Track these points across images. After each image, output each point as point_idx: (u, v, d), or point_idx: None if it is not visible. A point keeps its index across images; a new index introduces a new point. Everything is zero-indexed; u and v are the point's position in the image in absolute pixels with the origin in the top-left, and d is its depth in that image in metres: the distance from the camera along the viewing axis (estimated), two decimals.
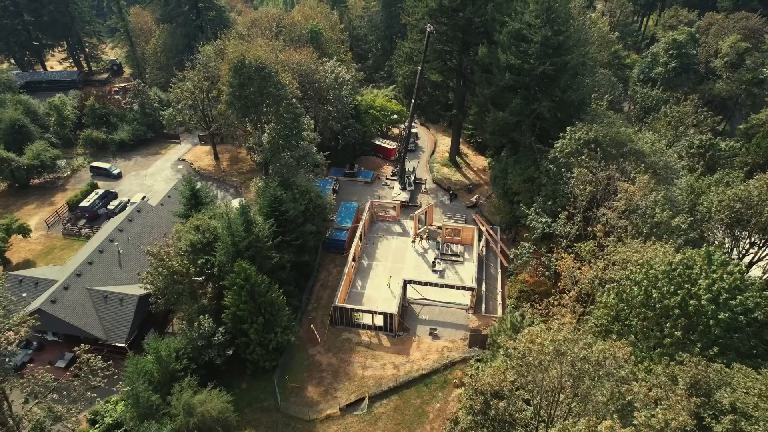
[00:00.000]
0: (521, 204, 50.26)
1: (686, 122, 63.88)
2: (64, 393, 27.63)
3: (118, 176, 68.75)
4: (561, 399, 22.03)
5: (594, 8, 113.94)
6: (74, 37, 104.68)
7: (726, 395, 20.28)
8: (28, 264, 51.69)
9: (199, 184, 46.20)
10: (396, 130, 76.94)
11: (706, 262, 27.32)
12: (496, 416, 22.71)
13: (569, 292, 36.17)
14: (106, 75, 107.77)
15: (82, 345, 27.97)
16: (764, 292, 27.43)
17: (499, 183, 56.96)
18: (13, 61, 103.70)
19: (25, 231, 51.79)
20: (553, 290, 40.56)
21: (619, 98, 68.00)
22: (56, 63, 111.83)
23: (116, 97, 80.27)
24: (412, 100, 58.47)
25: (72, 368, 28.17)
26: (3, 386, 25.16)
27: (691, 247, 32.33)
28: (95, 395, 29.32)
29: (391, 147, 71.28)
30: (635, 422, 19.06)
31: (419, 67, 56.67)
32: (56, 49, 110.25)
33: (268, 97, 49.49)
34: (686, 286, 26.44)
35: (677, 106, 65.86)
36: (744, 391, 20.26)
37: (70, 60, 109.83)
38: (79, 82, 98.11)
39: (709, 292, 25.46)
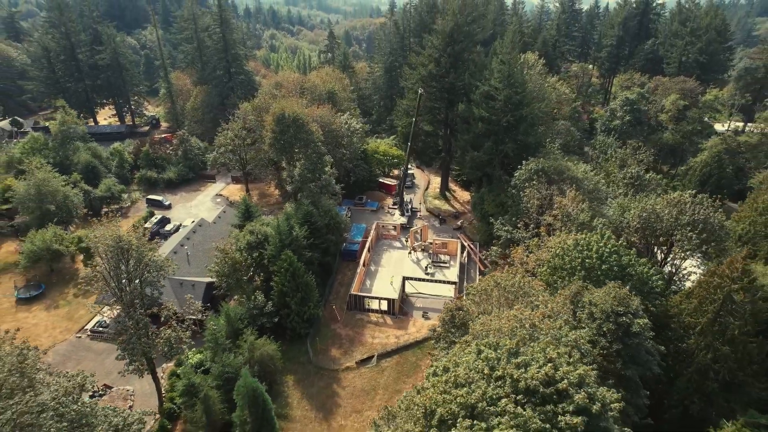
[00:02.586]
0: (494, 224, 65.08)
1: (628, 162, 79.91)
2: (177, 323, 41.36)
3: (169, 206, 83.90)
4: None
5: (567, 70, 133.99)
6: (123, 97, 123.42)
7: (587, 297, 34.24)
8: None
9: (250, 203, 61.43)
10: (396, 171, 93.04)
11: (599, 237, 41.89)
12: (458, 322, 36.33)
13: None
14: (147, 128, 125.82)
15: (188, 295, 41.87)
16: (639, 259, 42.00)
17: (478, 208, 72.18)
18: None
19: None
20: None
21: (571, 143, 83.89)
22: (102, 119, 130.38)
23: (166, 144, 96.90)
24: (409, 143, 74.83)
25: (183, 308, 41.86)
26: (150, 311, 38.86)
27: None
28: (196, 327, 42.87)
29: (392, 184, 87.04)
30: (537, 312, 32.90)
31: (414, 120, 73.39)
32: (106, 107, 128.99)
33: (300, 141, 65.50)
34: (585, 252, 40.89)
35: (621, 150, 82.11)
36: (598, 295, 34.14)
37: (116, 115, 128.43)
38: (125, 133, 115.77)
39: (597, 253, 39.93)
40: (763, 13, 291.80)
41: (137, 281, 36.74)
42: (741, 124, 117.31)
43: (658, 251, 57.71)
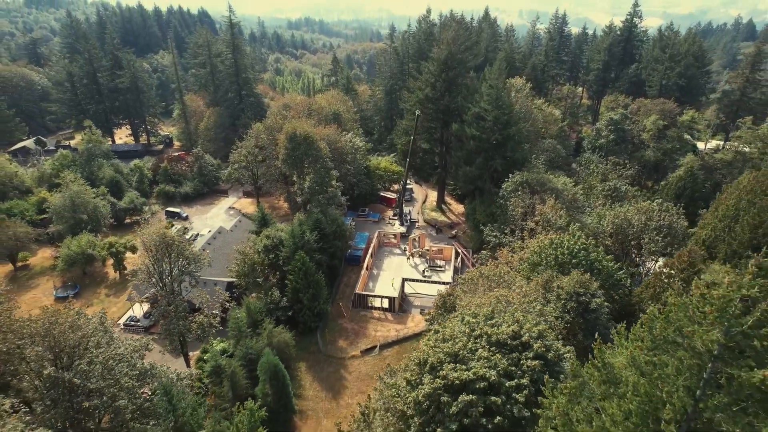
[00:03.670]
0: (484, 230, 71.91)
1: (609, 176, 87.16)
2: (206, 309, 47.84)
3: (186, 218, 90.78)
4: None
5: (558, 92, 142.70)
6: (140, 118, 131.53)
7: (556, 283, 40.90)
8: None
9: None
10: (396, 186, 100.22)
11: (571, 237, 48.68)
12: (449, 306, 42.83)
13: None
14: (161, 146, 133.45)
15: (217, 287, 48.41)
16: (606, 255, 48.73)
17: (471, 218, 79.09)
18: None
19: (134, 248, 72.97)
20: None
21: (556, 159, 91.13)
22: (117, 138, 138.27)
23: (181, 162, 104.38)
24: (407, 160, 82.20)
25: (213, 297, 48.53)
26: (188, 299, 45.27)
27: None
28: (224, 315, 49.38)
29: (392, 197, 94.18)
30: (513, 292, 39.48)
31: (412, 138, 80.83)
32: (123, 127, 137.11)
33: (309, 156, 72.79)
34: (558, 249, 47.64)
35: (602, 165, 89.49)
36: (565, 280, 40.79)
37: (131, 135, 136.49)
38: (141, 152, 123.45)
39: (568, 250, 46.68)
40: (748, 37, 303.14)
41: (177, 271, 43.42)
42: (722, 143, 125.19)
43: (636, 257, 64.49)
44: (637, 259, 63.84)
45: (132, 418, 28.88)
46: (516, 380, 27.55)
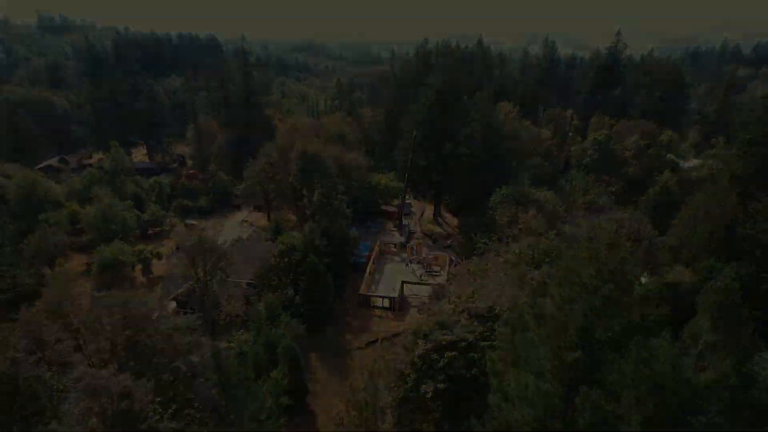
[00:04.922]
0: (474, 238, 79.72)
1: (590, 191, 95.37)
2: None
3: (203, 230, 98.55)
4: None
5: (544, 115, 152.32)
6: (155, 138, 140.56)
7: (528, 276, 48.68)
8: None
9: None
10: (396, 201, 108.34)
11: (546, 239, 56.55)
12: (440, 296, 50.46)
13: None
14: (175, 165, 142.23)
15: (242, 283, 56.17)
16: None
17: (463, 229, 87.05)
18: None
19: (160, 256, 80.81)
20: None
21: (543, 176, 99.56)
22: (133, 157, 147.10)
23: (198, 178, 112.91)
24: (406, 177, 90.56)
25: (238, 291, 56.22)
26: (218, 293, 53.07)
27: None
28: (247, 305, 57.29)
29: (393, 211, 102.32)
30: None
31: (410, 157, 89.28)
32: (140, 146, 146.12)
33: (318, 173, 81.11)
34: (535, 250, 55.42)
35: (583, 181, 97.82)
36: (536, 273, 48.54)
37: (146, 154, 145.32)
38: (156, 170, 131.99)
39: (542, 250, 54.48)
40: (737, 61, 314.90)
41: (209, 266, 51.23)
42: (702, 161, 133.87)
43: None
44: None
45: (184, 377, 36.26)
46: (490, 342, 35.15)
